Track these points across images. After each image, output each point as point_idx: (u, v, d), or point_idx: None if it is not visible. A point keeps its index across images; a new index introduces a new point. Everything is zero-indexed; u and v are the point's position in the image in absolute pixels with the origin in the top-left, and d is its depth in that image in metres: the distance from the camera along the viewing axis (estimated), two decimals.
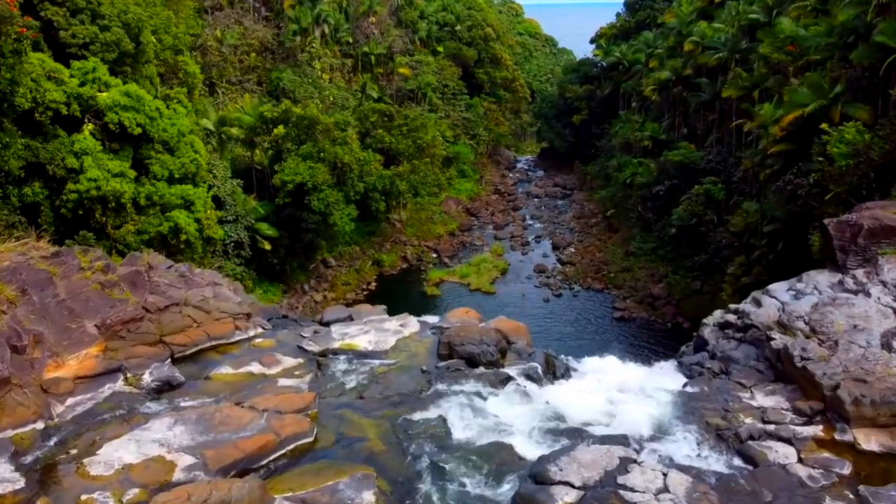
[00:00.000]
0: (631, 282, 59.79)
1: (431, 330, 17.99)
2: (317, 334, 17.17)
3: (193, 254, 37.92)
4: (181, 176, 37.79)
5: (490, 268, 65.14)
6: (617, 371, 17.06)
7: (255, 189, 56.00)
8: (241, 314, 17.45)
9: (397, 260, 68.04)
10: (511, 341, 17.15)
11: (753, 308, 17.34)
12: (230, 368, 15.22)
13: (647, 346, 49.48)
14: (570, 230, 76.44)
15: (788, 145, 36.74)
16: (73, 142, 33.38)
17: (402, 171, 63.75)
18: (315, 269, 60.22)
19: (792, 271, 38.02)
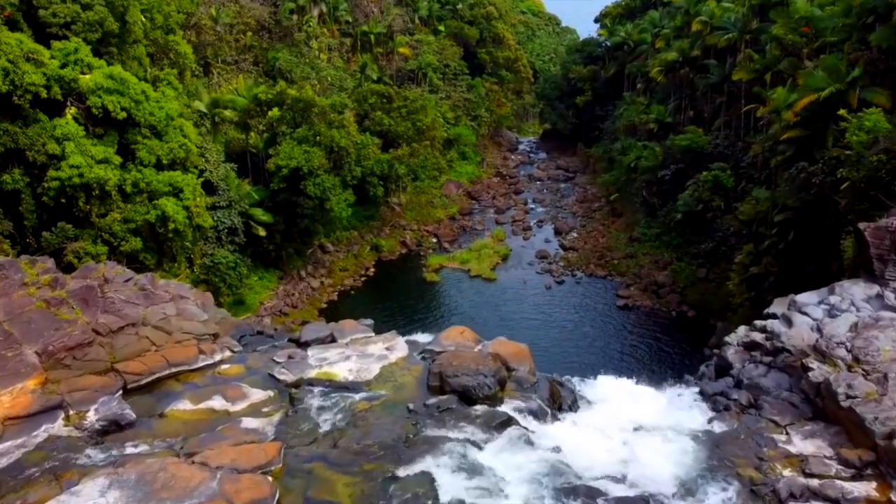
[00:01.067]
0: (635, 269, 58.47)
1: (421, 354, 16.04)
2: (291, 360, 15.19)
3: (183, 242, 36.62)
4: (169, 162, 36.36)
5: (491, 253, 63.83)
6: (630, 399, 15.17)
7: (250, 173, 54.54)
8: (206, 335, 15.59)
9: (396, 245, 66.72)
10: (511, 368, 15.26)
11: (784, 328, 15.53)
12: (189, 403, 13.26)
13: (651, 337, 48.33)
14: (573, 215, 74.99)
15: (802, 131, 35.21)
16: (55, 126, 31.92)
17: (401, 155, 62.23)
18: (312, 255, 58.90)
19: (803, 262, 36.93)
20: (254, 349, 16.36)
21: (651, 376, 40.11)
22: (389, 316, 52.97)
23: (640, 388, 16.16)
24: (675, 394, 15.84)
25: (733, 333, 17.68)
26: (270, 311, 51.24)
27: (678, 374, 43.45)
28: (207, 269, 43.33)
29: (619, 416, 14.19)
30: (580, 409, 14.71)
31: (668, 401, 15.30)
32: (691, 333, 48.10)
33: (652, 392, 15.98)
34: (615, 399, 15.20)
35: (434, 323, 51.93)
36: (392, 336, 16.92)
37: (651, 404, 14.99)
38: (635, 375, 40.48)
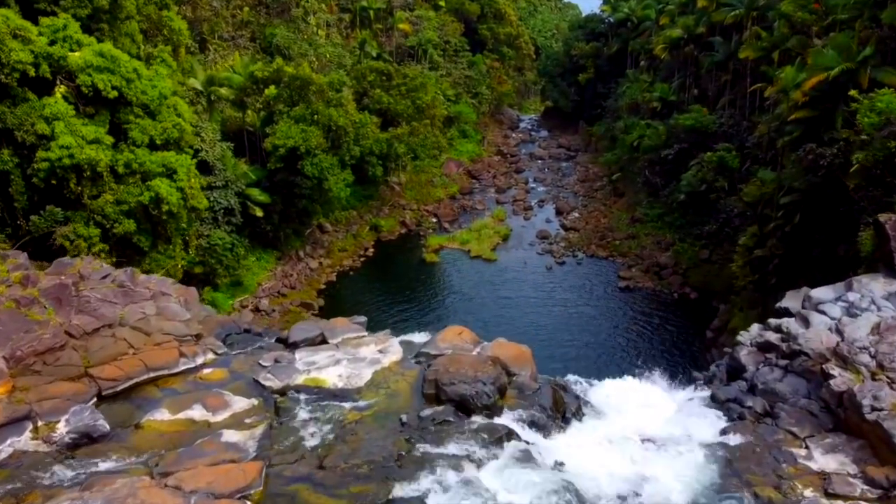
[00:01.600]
0: (636, 250, 57.88)
1: (416, 358, 15.02)
2: (278, 364, 14.24)
3: (178, 223, 35.95)
4: (163, 142, 35.55)
5: (491, 233, 63.22)
6: (637, 403, 14.29)
7: (247, 152, 53.73)
8: (188, 336, 14.63)
9: (396, 225, 66.08)
10: (512, 373, 14.37)
11: (801, 328, 14.63)
12: (167, 413, 12.29)
13: (652, 319, 47.88)
14: (574, 194, 74.22)
15: (810, 112, 34.36)
16: (44, 106, 31.07)
17: (400, 134, 61.31)
18: (310, 235, 58.31)
19: (809, 245, 36.30)
20: (240, 350, 15.52)
21: (656, 365, 39.81)
22: (388, 297, 52.57)
23: (648, 388, 15.27)
24: (685, 398, 14.98)
25: (745, 332, 16.57)
26: (268, 293, 50.79)
27: (679, 356, 43.30)
28: (204, 251, 42.74)
29: (627, 425, 13.38)
30: (585, 416, 13.88)
31: (678, 406, 14.46)
32: (693, 315, 47.66)
33: (660, 394, 15.10)
34: (622, 404, 14.38)
35: (433, 305, 51.54)
36: (385, 337, 15.94)
37: (660, 410, 14.17)
38: (638, 362, 40.04)
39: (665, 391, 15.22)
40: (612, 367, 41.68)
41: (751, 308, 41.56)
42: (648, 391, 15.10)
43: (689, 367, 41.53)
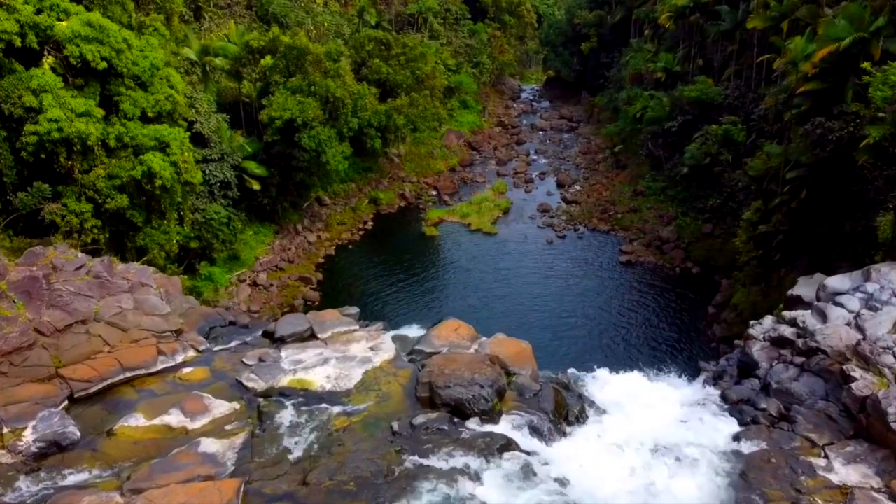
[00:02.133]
0: (638, 223, 57.19)
1: (409, 356, 14.13)
2: (262, 364, 13.30)
3: (172, 198, 35.25)
4: (155, 114, 34.66)
5: (491, 207, 62.52)
6: (644, 404, 13.32)
7: (244, 124, 52.75)
8: (168, 332, 13.73)
9: (395, 198, 65.34)
10: (512, 372, 13.55)
11: (817, 323, 13.67)
12: (143, 418, 11.41)
13: (654, 294, 47.40)
14: (576, 167, 73.30)
15: (820, 84, 33.43)
16: (31, 77, 30.16)
17: (399, 105, 60.21)
18: (309, 209, 57.61)
19: (814, 222, 35.63)
20: (224, 345, 14.56)
21: (657, 342, 39.37)
22: (387, 271, 52.08)
23: (654, 386, 14.30)
24: (693, 397, 14.02)
25: (758, 325, 15.60)
26: (266, 267, 50.29)
27: (681, 332, 42.89)
28: (200, 225, 42.11)
29: (633, 429, 12.42)
30: (588, 418, 13.00)
31: (687, 407, 13.56)
32: (695, 290, 47.18)
33: (666, 391, 14.16)
34: (626, 404, 13.44)
35: (433, 279, 51.07)
36: (377, 332, 15.03)
37: (667, 410, 13.26)
38: (640, 341, 39.49)
39: (671, 387, 14.40)
40: (612, 344, 41.39)
41: (754, 284, 41.07)
42: (654, 388, 14.21)
43: (691, 345, 41.24)
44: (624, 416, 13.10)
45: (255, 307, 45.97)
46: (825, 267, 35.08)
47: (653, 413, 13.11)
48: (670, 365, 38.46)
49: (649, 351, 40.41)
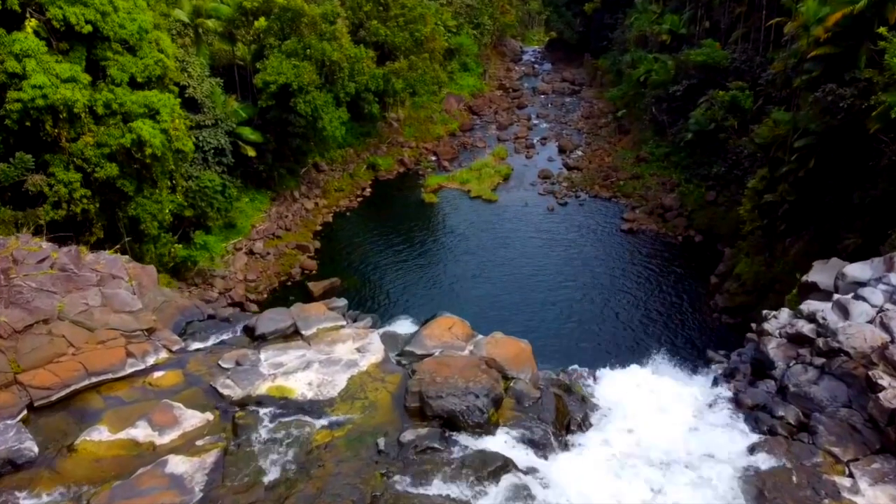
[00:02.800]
0: (641, 190, 56.29)
1: (399, 358, 13.07)
2: (239, 367, 12.23)
3: (164, 166, 34.37)
4: (144, 80, 33.56)
5: (492, 173, 61.56)
6: (651, 408, 12.40)
7: (238, 88, 51.51)
8: (138, 331, 12.66)
9: (394, 164, 64.30)
10: (510, 376, 12.56)
11: (839, 320, 12.65)
12: (107, 431, 10.35)
13: (656, 263, 46.78)
14: (578, 132, 72.03)
15: (832, 49, 32.26)
16: (14, 41, 29.02)
17: (398, 69, 58.79)
18: (306, 175, 56.69)
19: (822, 192, 34.78)
20: (202, 339, 13.69)
21: (659, 315, 38.78)
22: (385, 239, 51.44)
23: (659, 382, 13.40)
24: (704, 399, 13.03)
25: (773, 318, 14.52)
26: (263, 235, 49.62)
27: (683, 303, 42.35)
28: (194, 194, 41.28)
29: (639, 438, 11.54)
30: (592, 426, 12.10)
31: (697, 411, 12.62)
32: (698, 259, 46.57)
33: (674, 390, 13.22)
34: (632, 405, 12.54)
35: (431, 247, 50.43)
36: (365, 330, 13.99)
37: (676, 416, 12.31)
38: (641, 315, 38.81)
39: (679, 383, 13.45)
40: (613, 314, 40.88)
41: (757, 254, 40.43)
42: (659, 384, 13.33)
43: (693, 315, 40.72)
44: (629, 421, 12.26)
45: (252, 276, 45.45)
46: (832, 238, 34.50)
47: (660, 418, 12.23)
48: (672, 338, 38.27)
49: (650, 322, 39.95)
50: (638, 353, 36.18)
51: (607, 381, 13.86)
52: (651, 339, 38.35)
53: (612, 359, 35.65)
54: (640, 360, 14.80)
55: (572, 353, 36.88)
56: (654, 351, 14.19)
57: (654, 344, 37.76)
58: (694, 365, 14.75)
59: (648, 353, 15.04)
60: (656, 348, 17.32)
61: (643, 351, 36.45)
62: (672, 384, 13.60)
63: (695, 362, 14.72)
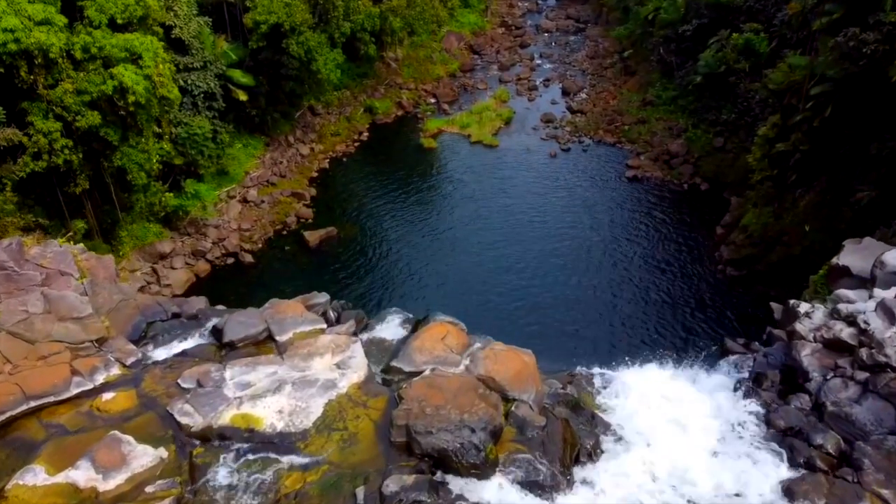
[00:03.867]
0: (646, 136, 54.53)
1: (384, 375, 11.35)
2: (200, 389, 10.51)
3: (149, 113, 32.85)
4: (125, 21, 31.67)
5: (493, 117, 59.64)
6: (668, 418, 10.96)
7: (228, 27, 49.19)
8: (87, 342, 10.99)
9: (392, 106, 62.28)
10: (511, 398, 10.96)
11: (885, 326, 10.86)
12: (44, 473, 8.82)
13: (660, 212, 45.62)
14: (583, 72, 69.55)
15: None
16: None
17: (395, 6, 56.19)
18: (301, 119, 54.91)
19: (837, 142, 33.30)
20: (164, 344, 12.08)
21: (662, 272, 37.65)
22: (383, 186, 50.17)
23: (678, 389, 11.88)
24: (729, 414, 11.40)
25: (806, 318, 12.60)
26: (257, 182, 48.31)
27: (687, 252, 41.29)
28: (183, 141, 39.80)
29: (657, 468, 10.11)
30: (604, 452, 10.62)
31: (721, 431, 11.00)
32: (703, 208, 45.40)
33: (696, 400, 11.65)
34: (648, 422, 11.02)
35: (430, 195, 49.19)
36: (346, 338, 12.22)
37: (700, 438, 10.75)
38: (645, 270, 37.52)
39: (699, 389, 11.96)
40: (614, 267, 39.93)
41: (766, 205, 39.24)
42: (678, 394, 11.74)
43: (698, 267, 39.73)
44: (644, 444, 10.79)
45: (246, 225, 44.38)
46: (844, 190, 33.25)
47: (680, 440, 10.74)
48: (676, 291, 37.39)
49: (653, 274, 39.04)
50: (641, 312, 35.54)
51: (619, 386, 12.42)
52: (654, 292, 37.56)
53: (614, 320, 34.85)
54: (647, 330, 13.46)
55: (574, 310, 36.14)
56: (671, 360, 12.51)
57: (658, 297, 37.03)
58: (712, 363, 13.24)
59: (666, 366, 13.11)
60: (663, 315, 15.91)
61: (647, 309, 35.78)
62: (691, 391, 12.12)
63: (713, 363, 13.16)
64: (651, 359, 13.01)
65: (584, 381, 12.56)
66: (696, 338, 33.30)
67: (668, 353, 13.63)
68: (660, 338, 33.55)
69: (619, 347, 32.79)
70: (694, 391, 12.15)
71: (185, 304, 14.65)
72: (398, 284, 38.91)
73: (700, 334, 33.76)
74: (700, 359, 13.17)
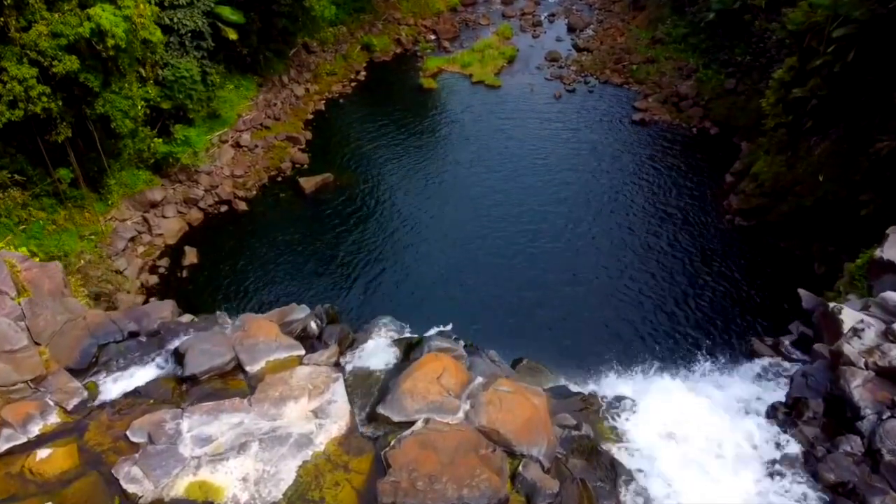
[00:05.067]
0: (655, 76, 52.35)
1: (370, 427, 9.47)
2: (152, 447, 8.64)
3: (131, 57, 31.10)
4: None
5: (495, 55, 57.31)
6: (697, 457, 9.50)
7: None
8: (20, 382, 9.05)
9: (390, 44, 59.84)
10: (518, 454, 9.39)
11: None
12: None
13: (668, 157, 44.05)
14: (590, 7, 66.62)
15: None
16: None
17: None
18: (295, 57, 52.70)
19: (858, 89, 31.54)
20: (117, 370, 10.11)
21: (671, 231, 36.29)
22: (381, 129, 48.47)
23: (704, 412, 10.28)
24: (762, 451, 9.88)
25: (855, 338, 10.56)
26: (250, 125, 46.57)
27: (694, 201, 39.92)
28: (170, 84, 37.97)
29: None
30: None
31: (757, 479, 9.44)
32: (712, 154, 43.82)
33: (723, 428, 10.09)
34: (671, 463, 9.49)
35: (429, 139, 47.54)
36: (327, 371, 10.42)
37: (730, 485, 9.22)
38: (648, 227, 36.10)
39: (726, 412, 10.44)
40: (617, 214, 38.67)
41: (778, 152, 37.68)
42: (702, 418, 10.20)
43: (705, 217, 38.43)
44: (671, 499, 9.19)
45: (239, 171, 42.96)
46: (864, 139, 31.69)
47: (710, 489, 9.19)
48: (681, 242, 36.21)
49: (659, 224, 37.75)
50: (643, 263, 34.47)
51: (637, 411, 10.83)
52: (658, 242, 36.40)
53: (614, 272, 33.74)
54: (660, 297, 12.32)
55: (575, 260, 35.10)
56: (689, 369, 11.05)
57: (662, 248, 35.92)
58: (734, 355, 11.92)
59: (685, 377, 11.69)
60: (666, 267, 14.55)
61: (649, 260, 34.69)
62: (717, 411, 10.54)
63: (736, 359, 11.73)
64: (665, 356, 11.86)
65: (599, 407, 11.05)
66: (701, 294, 32.40)
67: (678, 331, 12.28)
68: (663, 293, 32.63)
69: (621, 304, 31.99)
70: (721, 413, 10.64)
71: (145, 319, 12.44)
72: (395, 235, 37.79)
73: (706, 289, 32.81)
74: (722, 362, 11.96)
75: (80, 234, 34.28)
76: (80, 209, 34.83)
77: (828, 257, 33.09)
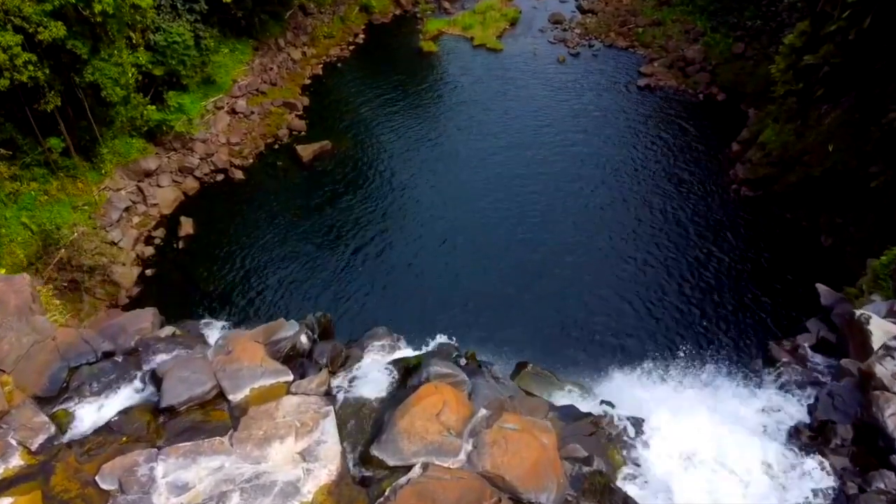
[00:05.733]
0: (661, 40, 50.98)
1: (364, 468, 8.49)
2: (122, 498, 7.64)
3: (120, 22, 30.01)
4: None
5: (497, 17, 55.83)
6: (716, 490, 8.75)
7: None
8: None
9: (389, 5, 58.27)
10: (525, 500, 8.49)
11: None
12: None
13: (673, 123, 43.05)
14: None
15: None
16: None
17: None
18: (291, 19, 51.28)
19: (873, 57, 30.49)
20: (89, 396, 9.08)
21: (675, 200, 35.54)
22: (379, 94, 47.39)
23: (722, 433, 9.47)
24: (789, 487, 9.17)
25: (888, 357, 9.69)
26: (245, 91, 45.43)
27: (699, 170, 39.10)
28: (162, 49, 36.86)
29: None
30: None
31: None
32: (719, 121, 42.81)
33: (744, 453, 9.29)
34: (690, 498, 8.72)
35: (429, 105, 46.46)
36: (316, 407, 9.30)
37: None
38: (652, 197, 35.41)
39: (745, 431, 9.65)
40: (620, 182, 37.90)
41: (787, 121, 36.69)
42: (723, 442, 9.43)
43: (711, 187, 37.63)
44: None
45: (235, 139, 42.02)
46: (876, 109, 30.75)
47: None
48: (686, 212, 35.50)
49: (661, 195, 36.92)
50: (647, 234, 33.83)
51: (650, 435, 10.06)
52: (661, 212, 35.67)
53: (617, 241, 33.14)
54: None
55: (575, 227, 34.46)
56: None
57: (665, 217, 35.24)
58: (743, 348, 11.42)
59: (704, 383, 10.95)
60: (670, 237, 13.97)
61: (653, 230, 34.04)
62: (736, 431, 9.75)
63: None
64: (678, 363, 11.13)
65: (609, 432, 10.22)
66: (705, 267, 31.82)
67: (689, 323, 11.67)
68: (665, 265, 32.05)
69: (622, 276, 31.45)
70: (741, 435, 9.90)
71: (122, 335, 11.27)
72: (395, 204, 37.07)
73: (710, 262, 32.22)
74: (740, 372, 11.21)
75: (72, 204, 33.57)
76: (72, 179, 34.06)
77: (835, 229, 32.47)
